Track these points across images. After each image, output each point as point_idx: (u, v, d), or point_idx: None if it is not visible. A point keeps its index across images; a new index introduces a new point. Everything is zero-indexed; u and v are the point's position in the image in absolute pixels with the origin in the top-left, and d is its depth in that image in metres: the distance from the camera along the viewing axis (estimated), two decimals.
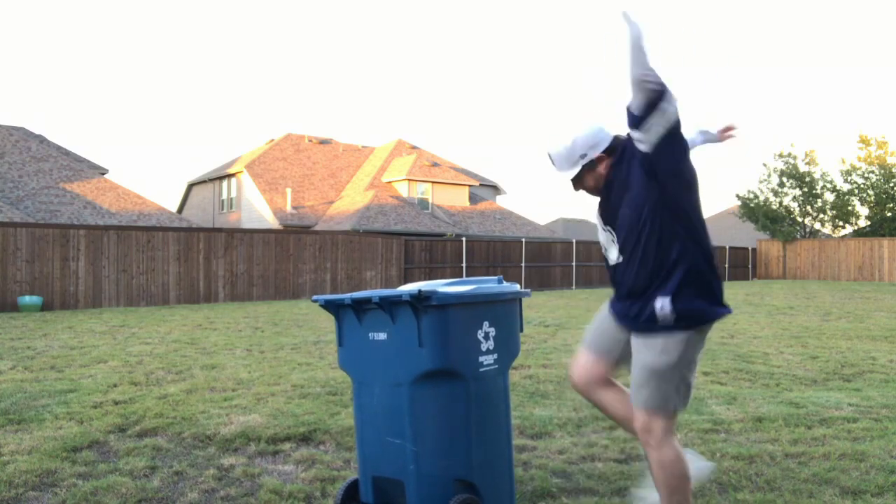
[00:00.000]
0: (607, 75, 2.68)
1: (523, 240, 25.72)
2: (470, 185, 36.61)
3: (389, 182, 34.70)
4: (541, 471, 3.61)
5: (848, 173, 36.56)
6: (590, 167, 2.65)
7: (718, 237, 45.58)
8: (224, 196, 36.23)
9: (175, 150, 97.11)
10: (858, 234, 36.81)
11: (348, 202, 32.93)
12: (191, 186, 39.72)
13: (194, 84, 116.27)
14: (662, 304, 2.46)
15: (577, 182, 2.71)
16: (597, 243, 25.98)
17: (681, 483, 2.51)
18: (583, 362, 2.85)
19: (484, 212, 36.27)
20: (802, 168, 36.36)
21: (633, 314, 2.57)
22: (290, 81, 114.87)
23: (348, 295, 2.76)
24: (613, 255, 2.64)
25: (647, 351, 2.53)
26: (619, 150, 2.61)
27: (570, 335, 9.62)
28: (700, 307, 2.50)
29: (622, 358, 2.76)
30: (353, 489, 2.90)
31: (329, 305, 2.84)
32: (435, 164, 36.20)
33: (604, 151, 2.63)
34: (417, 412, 2.65)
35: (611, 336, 2.76)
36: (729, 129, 3.15)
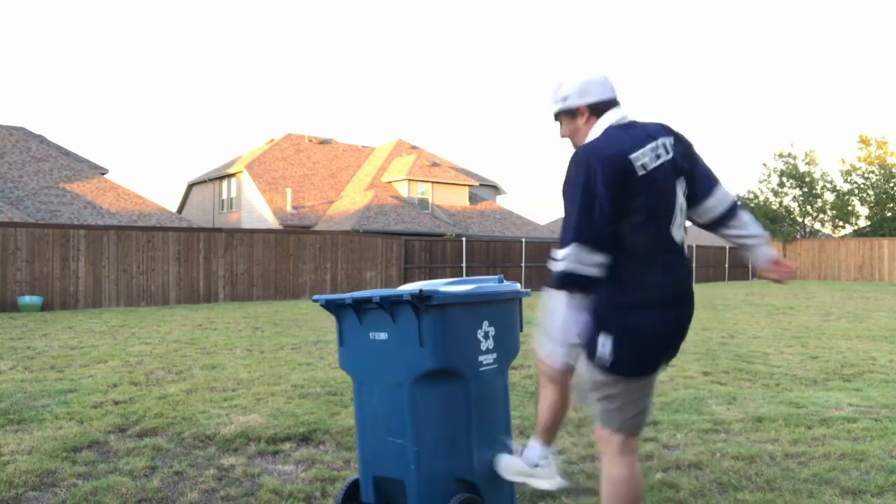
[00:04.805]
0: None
1: (523, 240, 25.71)
2: (470, 185, 36.61)
3: (389, 182, 34.69)
4: None
5: (848, 173, 36.60)
6: (568, 114, 2.42)
7: (718, 237, 45.50)
8: (224, 196, 36.22)
9: (175, 150, 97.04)
10: (858, 234, 36.83)
11: (348, 202, 32.92)
12: (191, 186, 39.71)
13: (194, 84, 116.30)
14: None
15: (559, 124, 2.50)
16: None
17: (623, 502, 2.34)
18: None
19: (484, 212, 36.26)
20: (802, 168, 36.41)
21: None
22: (290, 81, 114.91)
23: (349, 295, 2.76)
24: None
25: None
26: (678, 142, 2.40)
27: None
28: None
29: None
30: (353, 489, 2.90)
31: (330, 305, 2.84)
32: (435, 164, 36.19)
33: (590, 107, 2.37)
34: (418, 412, 2.65)
35: None
36: None
